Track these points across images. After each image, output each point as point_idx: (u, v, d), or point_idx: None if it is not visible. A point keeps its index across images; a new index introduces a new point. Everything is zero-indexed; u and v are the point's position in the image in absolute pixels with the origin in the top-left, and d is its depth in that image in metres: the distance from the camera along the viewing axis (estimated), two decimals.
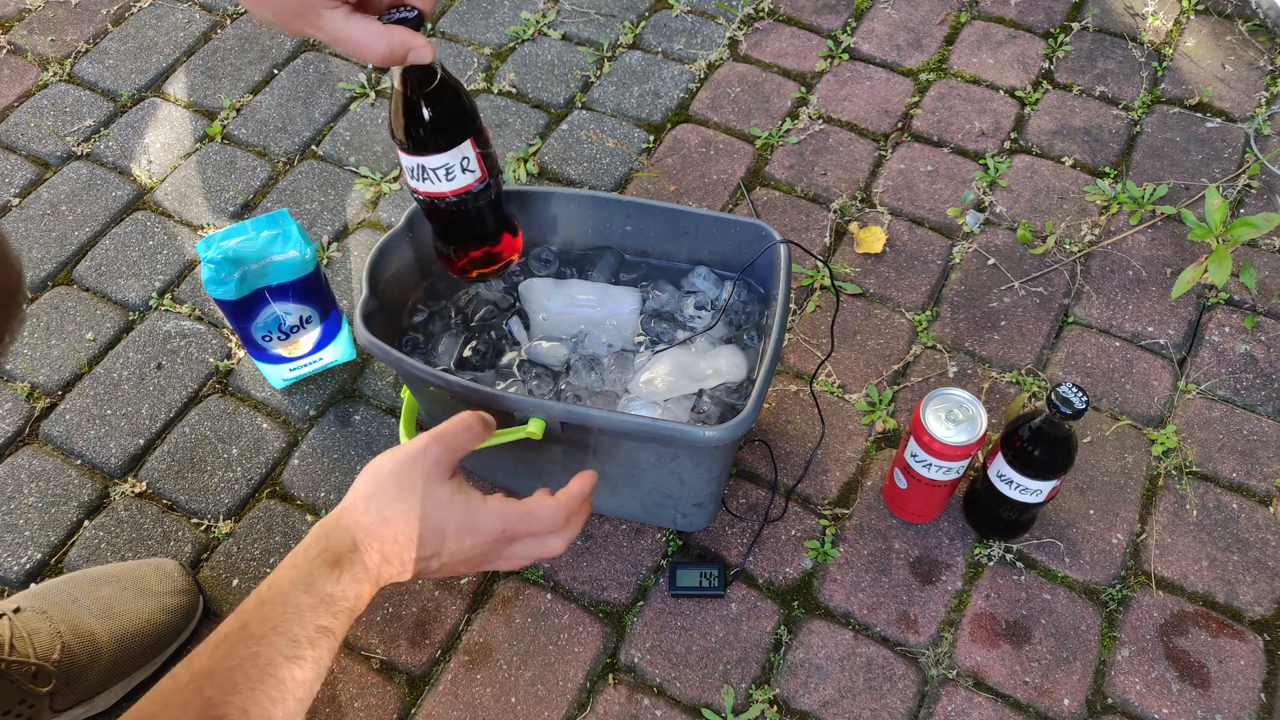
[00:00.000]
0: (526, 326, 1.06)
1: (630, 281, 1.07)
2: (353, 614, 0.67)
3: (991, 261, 1.26)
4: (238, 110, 1.45)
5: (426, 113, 0.78)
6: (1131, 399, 1.14)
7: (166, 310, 1.25)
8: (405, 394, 0.98)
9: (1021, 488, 0.94)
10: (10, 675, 0.85)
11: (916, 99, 1.43)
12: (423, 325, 1.05)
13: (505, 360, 1.03)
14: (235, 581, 1.04)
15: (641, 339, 1.04)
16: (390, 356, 0.89)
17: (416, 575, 0.72)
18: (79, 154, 1.41)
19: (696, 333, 1.03)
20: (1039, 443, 0.91)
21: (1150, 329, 1.19)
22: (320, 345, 1.14)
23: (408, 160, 0.81)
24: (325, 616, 0.65)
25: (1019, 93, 1.43)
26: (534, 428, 0.86)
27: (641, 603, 1.02)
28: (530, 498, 0.75)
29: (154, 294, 1.27)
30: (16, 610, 0.91)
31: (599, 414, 0.85)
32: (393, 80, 0.77)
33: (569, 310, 1.04)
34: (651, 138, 1.40)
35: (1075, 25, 1.50)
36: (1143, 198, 1.30)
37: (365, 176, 1.37)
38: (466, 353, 1.03)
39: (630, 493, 1.00)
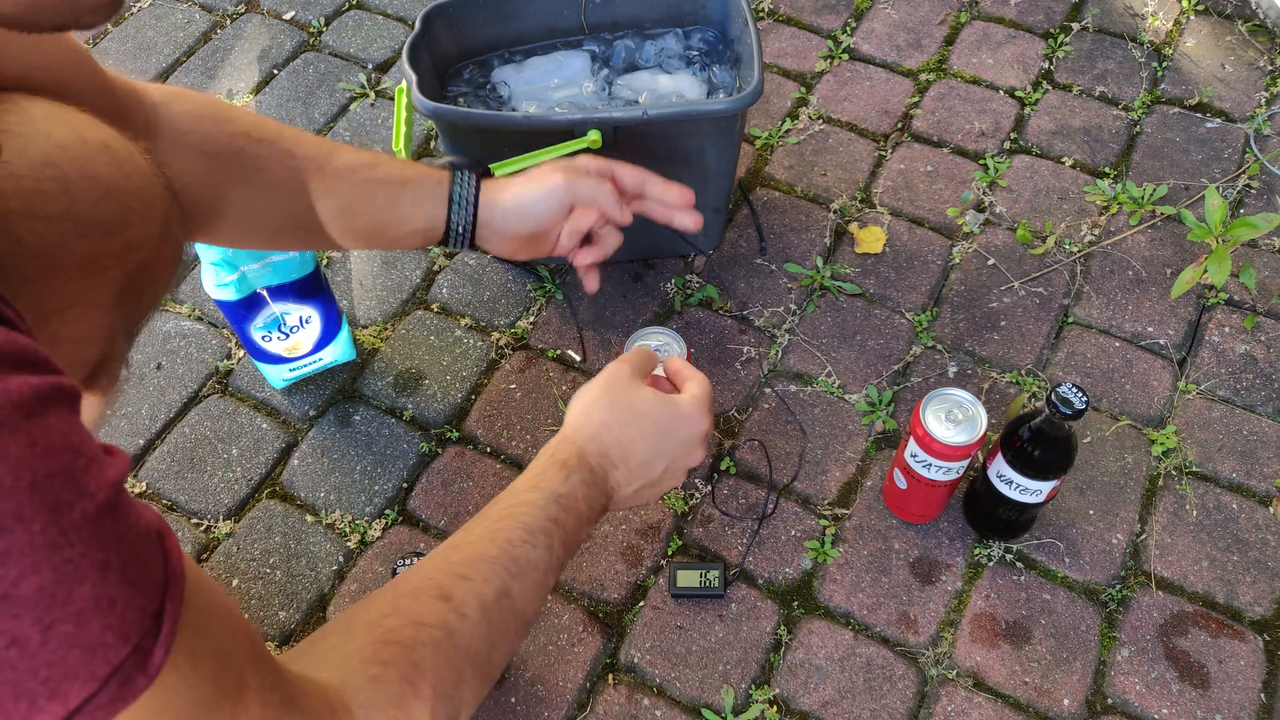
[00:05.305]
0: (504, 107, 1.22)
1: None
2: (580, 517, 0.72)
3: (991, 262, 1.26)
4: None
5: None
6: (1131, 399, 1.14)
7: (166, 310, 1.25)
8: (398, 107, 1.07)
9: (1021, 488, 0.94)
10: None
11: (916, 99, 1.43)
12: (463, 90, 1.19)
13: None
14: (235, 581, 1.04)
15: (590, 88, 1.19)
16: (442, 109, 1.02)
17: (638, 488, 0.78)
18: None
19: (649, 64, 1.20)
20: (1039, 443, 0.91)
21: (1150, 329, 1.19)
22: (320, 345, 1.13)
23: None
24: (555, 510, 0.70)
25: (1019, 93, 1.43)
26: (594, 137, 1.00)
27: (641, 603, 1.02)
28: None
29: None
30: None
31: (640, 109, 1.00)
32: None
33: (533, 81, 1.21)
34: None
35: (1075, 25, 1.50)
36: (1143, 198, 1.30)
37: None
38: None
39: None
